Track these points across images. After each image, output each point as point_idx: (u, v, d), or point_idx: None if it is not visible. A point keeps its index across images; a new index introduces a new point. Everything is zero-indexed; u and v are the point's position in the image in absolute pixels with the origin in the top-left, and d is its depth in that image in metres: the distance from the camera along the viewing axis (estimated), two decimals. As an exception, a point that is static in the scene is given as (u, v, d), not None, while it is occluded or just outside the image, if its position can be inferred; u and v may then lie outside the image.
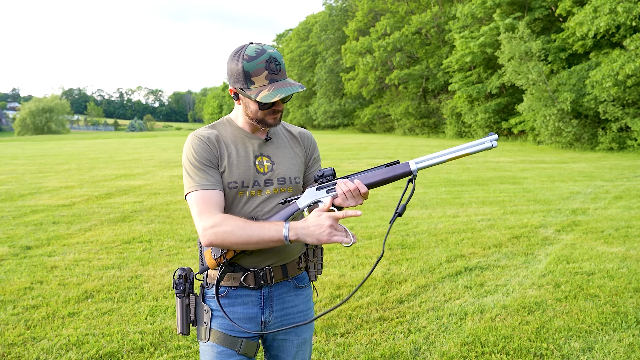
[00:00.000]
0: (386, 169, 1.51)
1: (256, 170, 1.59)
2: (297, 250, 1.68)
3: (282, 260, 1.63)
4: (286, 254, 1.63)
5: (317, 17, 56.48)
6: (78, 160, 17.94)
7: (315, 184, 1.55)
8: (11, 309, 3.79)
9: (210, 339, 1.60)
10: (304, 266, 1.73)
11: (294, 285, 1.69)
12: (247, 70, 1.46)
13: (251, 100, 1.50)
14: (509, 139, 27.24)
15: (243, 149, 1.60)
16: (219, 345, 1.59)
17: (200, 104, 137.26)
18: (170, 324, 3.50)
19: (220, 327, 1.60)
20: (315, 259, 1.74)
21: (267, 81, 1.47)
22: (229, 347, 1.58)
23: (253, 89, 1.47)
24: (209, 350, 1.60)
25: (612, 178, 11.07)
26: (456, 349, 3.12)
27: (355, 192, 1.47)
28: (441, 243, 5.64)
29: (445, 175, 11.84)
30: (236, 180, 1.57)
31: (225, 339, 1.58)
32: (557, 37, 22.87)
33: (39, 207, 8.05)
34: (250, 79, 1.47)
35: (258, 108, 1.52)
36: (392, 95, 41.89)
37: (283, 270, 1.63)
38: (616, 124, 18.91)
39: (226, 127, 1.64)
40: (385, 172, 1.51)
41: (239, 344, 1.59)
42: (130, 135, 55.58)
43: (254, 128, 1.64)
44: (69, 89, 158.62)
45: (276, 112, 1.55)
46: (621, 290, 4.08)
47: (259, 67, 1.46)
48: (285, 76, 1.52)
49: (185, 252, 5.37)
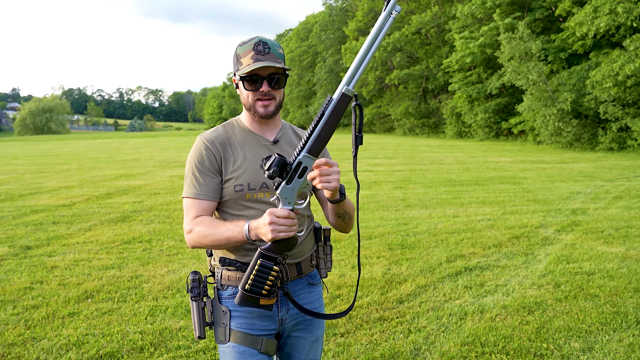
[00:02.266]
0: (329, 115, 1.39)
1: (264, 172, 1.58)
2: (309, 247, 1.70)
3: (296, 258, 1.64)
4: (300, 251, 1.65)
5: (317, 17, 56.47)
6: (78, 160, 17.94)
7: (282, 180, 1.43)
8: (11, 309, 3.79)
9: (230, 340, 1.59)
10: (316, 263, 1.75)
11: (307, 282, 1.70)
12: (238, 53, 1.55)
13: (240, 81, 1.56)
14: (509, 139, 27.23)
15: (250, 152, 1.61)
16: (240, 345, 1.57)
17: (200, 104, 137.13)
18: (171, 323, 3.50)
19: (240, 327, 1.59)
20: (325, 256, 1.76)
21: (252, 60, 1.51)
22: (251, 346, 1.58)
23: (240, 69, 1.53)
24: (230, 352, 1.59)
25: (612, 178, 11.07)
26: (456, 349, 3.12)
27: (323, 170, 1.39)
28: (441, 243, 5.64)
29: (445, 175, 11.85)
30: (242, 183, 1.57)
31: (247, 339, 1.58)
32: (557, 37, 22.86)
33: (39, 207, 8.05)
34: (239, 61, 1.54)
35: (244, 88, 1.55)
36: (392, 95, 41.88)
37: (297, 267, 1.65)
38: (616, 124, 18.91)
39: (234, 129, 1.66)
40: (330, 118, 1.39)
41: (260, 342, 1.58)
42: (130, 135, 55.59)
43: (260, 128, 1.64)
44: (69, 89, 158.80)
45: (264, 99, 1.55)
46: (621, 290, 4.08)
47: (247, 49, 1.53)
48: (273, 59, 1.53)
49: (185, 252, 5.37)
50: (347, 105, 1.40)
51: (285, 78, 1.58)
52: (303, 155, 1.42)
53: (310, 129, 1.42)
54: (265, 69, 1.52)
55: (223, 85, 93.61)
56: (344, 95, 1.38)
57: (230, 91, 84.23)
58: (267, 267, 1.44)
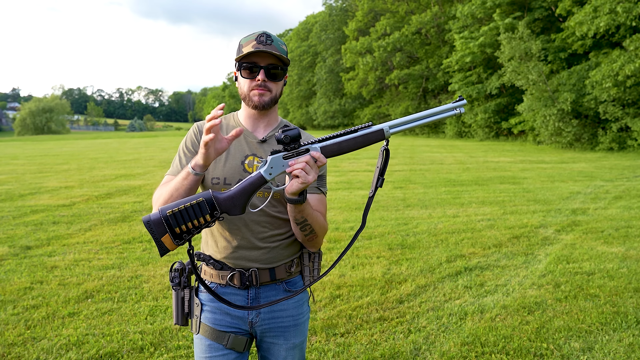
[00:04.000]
0: (360, 135, 1.44)
1: (243, 169, 1.59)
2: (288, 253, 1.66)
3: (269, 263, 1.62)
4: (274, 257, 1.62)
5: (317, 17, 56.46)
6: (78, 160, 17.94)
7: (282, 151, 1.42)
8: (11, 309, 3.79)
9: (199, 332, 1.65)
10: (298, 270, 1.70)
11: (283, 289, 1.67)
12: (241, 43, 1.57)
13: (237, 73, 1.58)
14: (509, 139, 27.23)
15: (235, 146, 1.61)
16: (207, 338, 1.63)
17: (200, 104, 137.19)
18: (170, 323, 3.50)
19: (209, 321, 1.63)
20: (312, 263, 1.71)
21: (253, 49, 1.52)
22: (217, 341, 1.62)
23: (239, 55, 1.55)
24: (199, 343, 1.66)
25: (612, 178, 11.07)
26: (456, 349, 3.12)
27: (311, 162, 1.38)
28: (441, 243, 5.63)
29: (445, 175, 11.84)
30: (219, 176, 1.58)
31: (213, 333, 1.62)
32: (557, 37, 22.87)
33: (39, 207, 8.05)
34: (240, 50, 1.55)
35: (241, 76, 1.56)
36: (392, 95, 41.88)
37: (271, 273, 1.63)
38: (616, 124, 18.91)
39: (229, 122, 1.68)
40: (359, 138, 1.44)
41: (226, 338, 1.61)
42: (130, 135, 55.58)
43: (253, 124, 1.65)
44: (69, 89, 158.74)
45: (261, 87, 1.55)
46: (621, 290, 4.08)
47: (250, 39, 1.55)
48: (274, 50, 1.53)
49: (186, 252, 5.36)
50: (377, 140, 1.45)
51: (283, 73, 1.58)
52: (316, 146, 1.43)
53: (336, 134, 1.45)
54: (264, 58, 1.53)
55: (223, 85, 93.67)
56: (381, 131, 1.44)
57: (230, 91, 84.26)
58: (203, 209, 1.35)
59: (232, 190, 1.40)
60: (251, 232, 1.59)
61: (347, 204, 8.19)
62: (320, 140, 1.44)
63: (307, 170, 1.37)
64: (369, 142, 1.44)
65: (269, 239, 1.60)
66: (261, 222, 1.59)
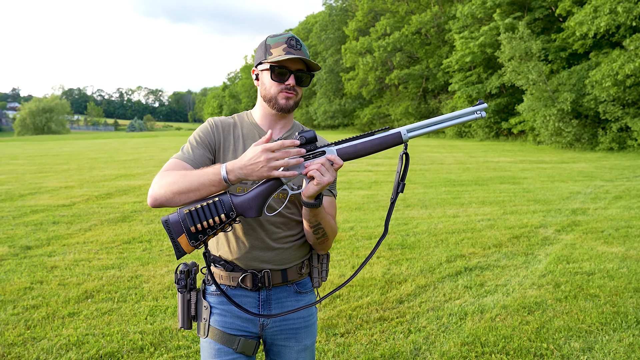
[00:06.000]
0: (377, 137, 1.45)
1: None
2: (299, 255, 1.66)
3: (281, 265, 1.61)
4: (286, 258, 1.61)
5: (317, 17, 56.48)
6: (78, 160, 17.94)
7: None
8: (11, 309, 3.79)
9: (208, 336, 1.61)
10: (307, 272, 1.70)
11: (294, 290, 1.66)
12: (269, 43, 1.54)
13: (266, 71, 1.54)
14: (509, 139, 27.23)
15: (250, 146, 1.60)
16: (216, 342, 1.59)
17: (200, 104, 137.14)
18: (171, 323, 3.50)
19: (218, 324, 1.60)
20: (320, 265, 1.71)
21: (284, 52, 1.50)
22: (226, 344, 1.58)
23: (269, 59, 1.52)
24: (207, 347, 1.62)
25: (612, 178, 11.07)
26: (456, 349, 3.12)
27: (327, 164, 1.38)
28: (441, 243, 5.64)
29: (445, 175, 11.84)
30: None
31: (223, 337, 1.59)
32: (557, 37, 22.87)
33: (39, 207, 8.05)
34: (269, 51, 1.53)
35: (271, 79, 1.53)
36: (392, 95, 41.89)
37: (283, 274, 1.62)
38: (616, 124, 18.91)
39: (243, 121, 1.65)
40: (375, 141, 1.44)
41: (237, 342, 1.59)
42: (130, 135, 55.57)
43: (270, 124, 1.63)
44: (69, 89, 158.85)
45: (289, 91, 1.53)
46: (621, 290, 4.09)
47: (280, 41, 1.52)
48: (304, 54, 1.53)
49: (190, 254, 5.36)
50: (394, 144, 1.44)
51: (309, 79, 1.58)
52: (333, 148, 1.43)
53: (353, 137, 1.45)
54: (295, 63, 1.52)
55: (223, 85, 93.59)
56: (399, 134, 1.44)
57: (230, 91, 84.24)
58: (218, 208, 1.34)
59: (248, 193, 1.40)
60: (266, 233, 1.58)
61: (347, 204, 8.19)
62: (336, 143, 1.45)
63: (322, 171, 1.37)
64: (386, 146, 1.44)
65: (282, 239, 1.60)
66: (276, 222, 1.58)
